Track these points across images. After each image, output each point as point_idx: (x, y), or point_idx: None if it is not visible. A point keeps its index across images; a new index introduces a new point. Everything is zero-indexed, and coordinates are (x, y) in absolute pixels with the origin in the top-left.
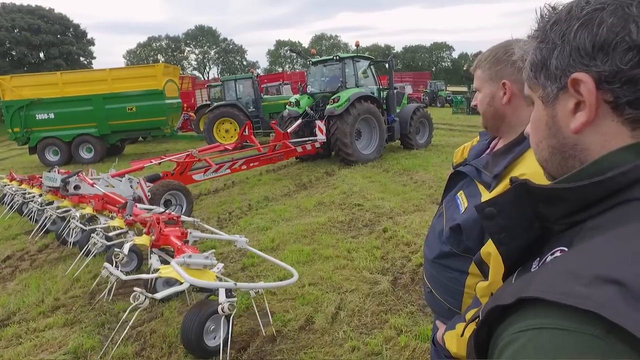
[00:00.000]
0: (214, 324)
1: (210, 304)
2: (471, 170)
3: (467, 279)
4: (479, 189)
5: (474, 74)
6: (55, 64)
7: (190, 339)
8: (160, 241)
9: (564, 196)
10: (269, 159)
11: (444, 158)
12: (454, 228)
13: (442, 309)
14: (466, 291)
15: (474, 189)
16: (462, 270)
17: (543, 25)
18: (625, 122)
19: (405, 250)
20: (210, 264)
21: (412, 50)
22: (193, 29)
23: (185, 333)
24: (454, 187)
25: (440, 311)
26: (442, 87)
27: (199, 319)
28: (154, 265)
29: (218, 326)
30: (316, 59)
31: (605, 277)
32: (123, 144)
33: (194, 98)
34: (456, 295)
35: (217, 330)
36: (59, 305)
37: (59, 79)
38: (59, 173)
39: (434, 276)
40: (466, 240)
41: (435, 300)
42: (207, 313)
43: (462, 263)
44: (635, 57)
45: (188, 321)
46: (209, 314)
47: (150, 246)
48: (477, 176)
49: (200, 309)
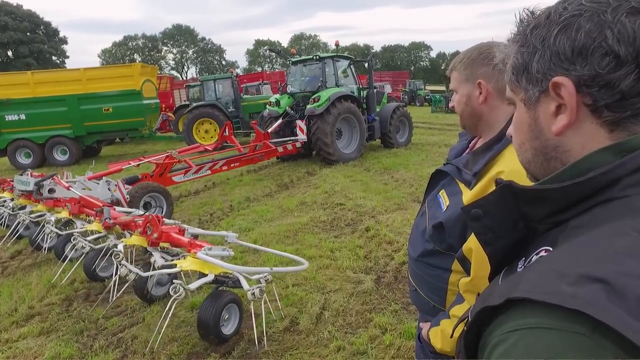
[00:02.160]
0: (228, 313)
1: (225, 295)
2: (452, 169)
3: (450, 276)
4: (459, 187)
5: (450, 75)
6: (26, 62)
7: (208, 328)
8: (163, 239)
9: (548, 196)
10: (249, 160)
11: (424, 156)
12: (436, 226)
13: (426, 306)
14: (450, 288)
15: (455, 188)
16: (445, 268)
17: (523, 29)
18: (604, 125)
19: (388, 249)
20: (228, 255)
21: (391, 50)
22: (170, 28)
23: (202, 324)
24: (436, 186)
25: (425, 309)
26: (421, 86)
27: (215, 309)
28: (158, 262)
29: (231, 316)
30: (296, 59)
31: (589, 276)
32: (100, 146)
33: (173, 98)
34: (440, 293)
35: (230, 319)
36: (34, 313)
37: (29, 79)
38: (31, 176)
39: (418, 274)
40: (448, 238)
41: (420, 298)
42: (222, 303)
43: (445, 261)
44: (612, 62)
45: (205, 312)
46: (224, 304)
47: (150, 244)
48: (458, 175)
49: (216, 299)
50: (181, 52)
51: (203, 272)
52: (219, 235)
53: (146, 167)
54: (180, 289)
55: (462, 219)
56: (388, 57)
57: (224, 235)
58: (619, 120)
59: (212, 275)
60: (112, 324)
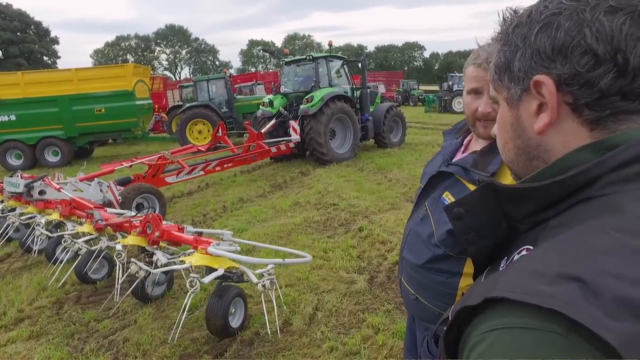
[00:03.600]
0: (234, 307)
1: (231, 289)
2: (457, 170)
3: (461, 280)
4: (468, 187)
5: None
6: (16, 63)
7: (217, 323)
8: (164, 237)
9: (528, 195)
10: (243, 160)
11: (418, 156)
12: (450, 231)
13: (429, 314)
14: (459, 293)
15: (462, 188)
16: (455, 272)
17: (505, 28)
18: (584, 123)
19: (381, 249)
20: (235, 249)
21: (384, 50)
22: (163, 28)
23: (211, 318)
24: (438, 188)
25: (428, 317)
26: (415, 86)
27: (223, 304)
28: (162, 260)
29: (237, 310)
30: (289, 59)
31: (566, 275)
32: (92, 147)
33: (166, 99)
34: (446, 299)
35: (236, 313)
36: (23, 317)
37: (20, 79)
38: (22, 178)
39: (420, 282)
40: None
41: (422, 306)
42: (230, 297)
43: (455, 265)
44: (591, 61)
45: (213, 307)
46: (232, 298)
47: (151, 244)
48: (465, 175)
49: (224, 293)
50: (174, 52)
51: (212, 267)
52: (214, 234)
53: (139, 168)
54: (197, 282)
55: None
56: (381, 57)
57: (219, 233)
58: (599, 119)
59: (221, 269)
60: (104, 326)
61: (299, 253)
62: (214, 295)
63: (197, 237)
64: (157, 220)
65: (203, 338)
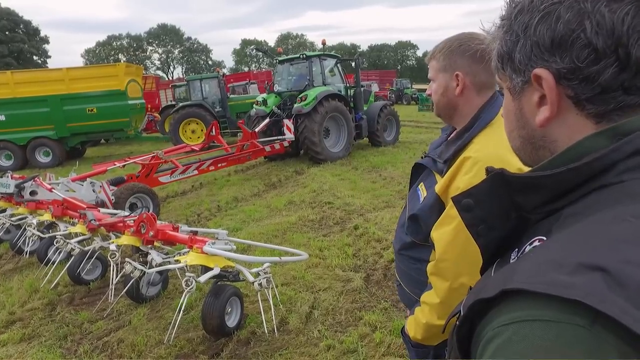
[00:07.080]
0: (230, 306)
1: (227, 288)
2: (428, 161)
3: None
4: (436, 178)
5: (428, 64)
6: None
7: (213, 322)
8: (159, 236)
9: (541, 184)
10: (237, 159)
11: (412, 154)
12: (411, 217)
13: (410, 301)
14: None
15: (432, 179)
16: (424, 260)
17: (509, 13)
18: (589, 116)
19: (377, 247)
20: (231, 248)
21: (377, 49)
22: (155, 27)
23: (207, 317)
24: (416, 180)
25: (409, 303)
26: (408, 85)
27: (219, 303)
28: (156, 260)
29: (233, 309)
30: (283, 58)
31: (588, 265)
32: (84, 147)
33: (158, 98)
34: (421, 286)
35: (232, 312)
36: (15, 319)
37: (9, 79)
38: (12, 178)
39: (401, 269)
40: (424, 228)
41: (405, 293)
42: (226, 297)
43: (424, 253)
44: (591, 55)
45: (209, 306)
46: (228, 297)
47: (145, 243)
48: (434, 166)
49: (218, 293)
50: (167, 51)
51: (208, 266)
52: (209, 233)
53: (132, 168)
54: (193, 282)
55: (436, 208)
56: (375, 56)
57: (214, 232)
58: (604, 112)
59: (217, 268)
60: (98, 327)
61: (295, 251)
62: (209, 294)
63: (192, 236)
64: (152, 219)
65: (199, 338)
